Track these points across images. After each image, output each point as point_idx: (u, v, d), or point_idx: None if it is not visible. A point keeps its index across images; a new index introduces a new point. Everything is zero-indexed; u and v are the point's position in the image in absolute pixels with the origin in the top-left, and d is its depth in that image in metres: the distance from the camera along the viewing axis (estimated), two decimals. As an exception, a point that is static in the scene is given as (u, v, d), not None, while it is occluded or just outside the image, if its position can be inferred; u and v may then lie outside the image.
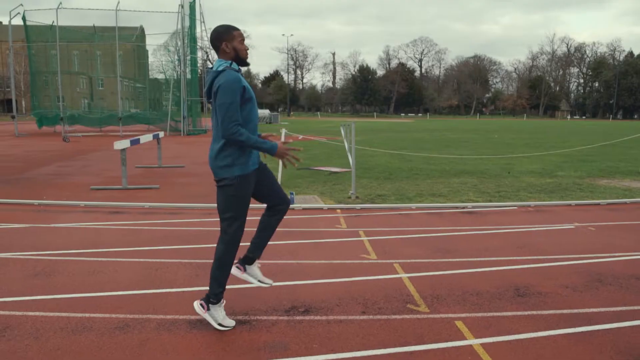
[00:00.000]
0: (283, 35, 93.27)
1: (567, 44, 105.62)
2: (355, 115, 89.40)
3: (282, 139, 9.34)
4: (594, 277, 3.78)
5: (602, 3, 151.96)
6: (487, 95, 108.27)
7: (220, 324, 2.84)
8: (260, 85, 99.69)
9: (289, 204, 3.09)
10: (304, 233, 5.06)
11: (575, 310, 3.12)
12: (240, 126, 2.68)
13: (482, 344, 2.63)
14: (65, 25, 25.48)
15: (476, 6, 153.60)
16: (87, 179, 9.17)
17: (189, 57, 23.96)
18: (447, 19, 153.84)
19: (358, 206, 6.38)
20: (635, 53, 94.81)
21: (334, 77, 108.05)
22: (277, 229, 3.03)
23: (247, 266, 3.08)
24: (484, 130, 32.74)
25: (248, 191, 2.85)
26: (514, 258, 4.23)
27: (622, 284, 3.62)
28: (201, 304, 2.88)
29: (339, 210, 6.20)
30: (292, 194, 6.68)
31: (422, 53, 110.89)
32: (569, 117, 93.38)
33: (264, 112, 41.30)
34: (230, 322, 2.88)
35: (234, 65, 2.78)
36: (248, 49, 2.87)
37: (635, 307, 3.18)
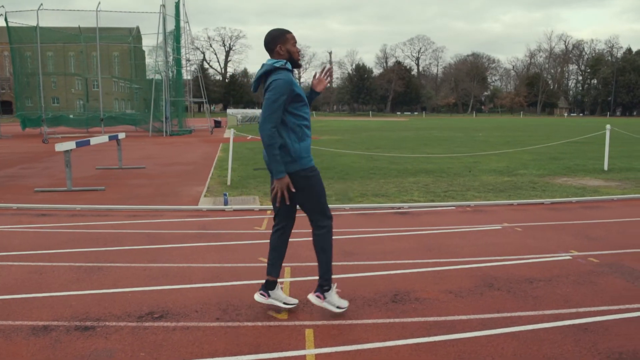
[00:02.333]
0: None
1: (565, 41, 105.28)
2: (352, 114, 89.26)
3: (231, 141, 9.24)
4: (486, 281, 3.67)
5: (603, 0, 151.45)
6: (485, 93, 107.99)
7: (338, 307, 3.00)
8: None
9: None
10: (217, 235, 4.95)
11: (443, 318, 3.00)
12: (276, 127, 2.78)
13: (317, 354, 2.53)
14: (55, 26, 25.49)
15: (477, 5, 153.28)
16: (42, 180, 9.10)
17: (171, 58, 23.88)
18: (447, 18, 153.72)
19: (291, 207, 6.27)
20: (634, 50, 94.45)
21: (331, 77, 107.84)
22: (188, 231, 2.84)
23: None
24: (473, 129, 32.60)
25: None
26: (414, 261, 4.12)
27: (510, 289, 3.50)
28: (317, 296, 3.00)
29: (269, 212, 6.09)
30: (225, 195, 6.58)
31: (419, 51, 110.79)
32: (566, 114, 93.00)
33: (259, 112, 41.23)
34: (345, 302, 3.04)
35: (288, 65, 2.89)
36: (300, 51, 3.01)
37: (506, 314, 3.07)
